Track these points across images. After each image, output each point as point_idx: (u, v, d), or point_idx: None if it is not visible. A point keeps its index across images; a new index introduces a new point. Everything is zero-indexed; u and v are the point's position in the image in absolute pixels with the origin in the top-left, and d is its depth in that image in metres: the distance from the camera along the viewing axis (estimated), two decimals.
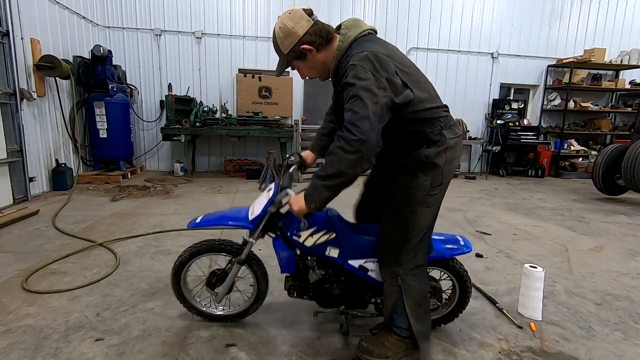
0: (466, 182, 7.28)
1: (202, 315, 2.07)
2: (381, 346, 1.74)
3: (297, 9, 1.60)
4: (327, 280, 1.87)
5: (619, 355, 1.91)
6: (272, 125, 6.89)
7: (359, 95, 1.37)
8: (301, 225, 1.71)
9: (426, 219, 1.64)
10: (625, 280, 2.85)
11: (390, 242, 1.68)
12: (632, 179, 5.21)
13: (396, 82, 1.46)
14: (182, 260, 1.95)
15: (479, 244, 3.56)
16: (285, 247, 1.82)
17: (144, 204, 4.70)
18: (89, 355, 1.78)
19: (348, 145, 1.36)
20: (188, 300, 2.04)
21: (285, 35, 1.55)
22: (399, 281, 1.67)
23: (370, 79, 1.39)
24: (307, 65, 1.63)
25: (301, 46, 1.56)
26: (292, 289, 1.91)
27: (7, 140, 4.49)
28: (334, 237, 1.75)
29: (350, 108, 1.38)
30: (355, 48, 1.50)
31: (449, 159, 1.60)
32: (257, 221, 1.77)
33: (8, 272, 2.66)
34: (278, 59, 1.67)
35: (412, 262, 1.67)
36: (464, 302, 2.01)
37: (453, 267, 1.95)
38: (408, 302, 1.66)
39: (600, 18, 8.44)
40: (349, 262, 1.79)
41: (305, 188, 1.52)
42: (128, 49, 7.09)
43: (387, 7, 7.67)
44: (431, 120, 1.57)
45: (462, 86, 8.27)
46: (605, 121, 8.61)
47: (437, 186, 1.61)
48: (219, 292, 1.94)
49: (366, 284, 1.86)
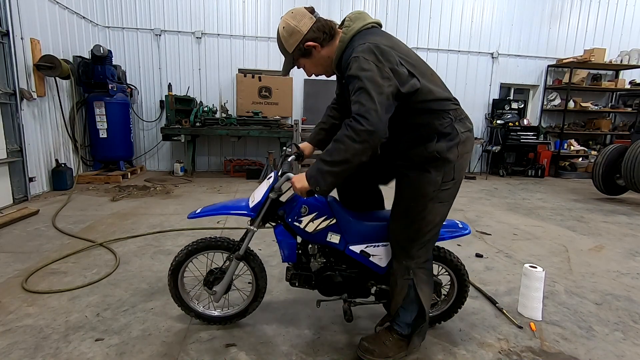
0: (466, 182, 7.28)
1: (200, 318, 2.04)
2: (382, 345, 1.74)
3: (299, 7, 1.61)
4: (329, 268, 1.87)
5: (619, 355, 1.91)
6: (272, 125, 6.89)
7: (364, 87, 1.38)
8: (302, 211, 1.72)
9: (439, 214, 1.63)
10: (625, 280, 2.85)
11: (403, 237, 1.67)
12: (632, 179, 5.21)
13: (401, 72, 1.46)
14: (179, 259, 1.93)
15: (479, 244, 3.56)
16: (286, 235, 1.81)
17: (144, 204, 4.70)
18: (89, 355, 1.78)
19: (356, 135, 1.37)
20: (186, 302, 2.02)
21: (290, 34, 1.57)
22: (410, 274, 1.67)
23: (374, 70, 1.39)
24: (312, 62, 1.65)
25: (306, 43, 1.57)
26: (294, 278, 1.89)
27: (7, 140, 4.49)
28: (334, 223, 1.75)
29: (357, 100, 1.39)
30: (358, 40, 1.50)
31: (460, 153, 1.59)
32: (258, 208, 1.76)
33: (8, 272, 2.66)
34: (282, 59, 1.68)
35: (423, 256, 1.69)
36: (462, 297, 2.01)
37: (451, 262, 1.95)
38: (422, 296, 1.68)
39: (600, 18, 8.45)
40: (350, 248, 1.79)
41: (308, 169, 1.53)
42: (128, 49, 7.09)
43: (387, 7, 7.68)
44: (440, 112, 1.56)
45: (462, 86, 8.28)
46: (605, 121, 8.62)
47: (450, 181, 1.60)
48: (217, 290, 1.92)
49: (368, 271, 1.86)
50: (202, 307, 2.07)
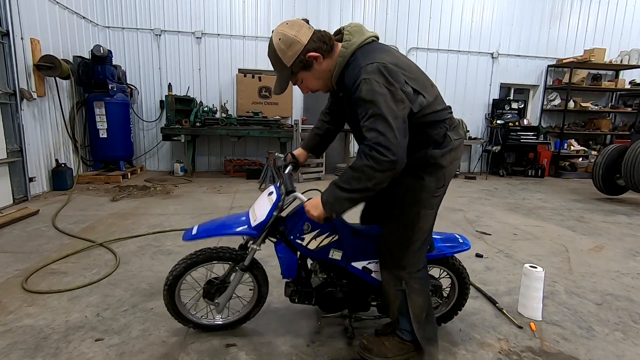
0: (466, 182, 7.28)
1: (200, 328, 1.96)
2: (381, 345, 1.75)
3: (294, 19, 1.53)
4: (330, 284, 1.85)
5: (619, 355, 1.91)
6: (272, 125, 6.89)
7: (380, 113, 1.34)
8: (304, 228, 1.70)
9: (428, 221, 1.64)
10: (625, 280, 2.85)
11: (394, 245, 1.66)
12: (632, 179, 5.21)
13: (408, 92, 1.43)
14: (177, 274, 1.81)
15: (479, 244, 3.56)
16: (287, 252, 1.77)
17: (144, 204, 4.70)
18: (89, 355, 1.78)
19: (378, 164, 1.34)
20: (183, 314, 1.92)
21: (288, 46, 1.46)
22: (402, 285, 1.65)
23: (386, 94, 1.36)
24: (313, 75, 1.55)
25: (308, 54, 1.47)
26: (294, 295, 1.86)
27: (7, 140, 4.50)
28: (337, 239, 1.73)
29: (374, 127, 1.34)
30: (362, 57, 1.44)
31: (452, 159, 1.60)
32: (261, 227, 1.72)
33: (8, 272, 2.66)
34: (276, 71, 1.56)
35: (415, 265, 1.66)
36: (463, 299, 2.02)
37: (453, 265, 1.96)
38: (412, 307, 1.65)
39: (600, 18, 8.45)
40: (352, 264, 1.78)
41: (322, 193, 1.50)
42: (128, 49, 7.09)
43: (387, 7, 7.67)
44: (436, 123, 1.55)
45: (462, 86, 8.27)
46: (605, 121, 8.62)
47: (440, 187, 1.60)
48: (220, 302, 1.86)
49: (369, 286, 1.85)
50: (201, 318, 1.99)
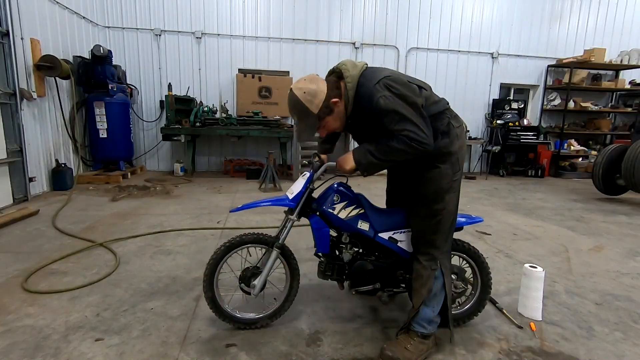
0: (466, 182, 7.28)
1: (232, 322, 1.99)
2: (405, 351, 1.78)
3: (308, 75, 1.77)
4: (360, 258, 2.01)
5: (619, 355, 1.91)
6: (272, 125, 6.89)
7: (403, 116, 1.56)
8: (334, 199, 1.92)
9: (454, 203, 1.81)
10: (625, 280, 2.85)
11: (426, 231, 1.81)
12: (632, 179, 5.21)
13: (413, 88, 1.64)
14: (217, 257, 1.92)
15: (479, 244, 3.56)
16: (321, 223, 1.95)
17: (144, 204, 4.70)
18: (89, 355, 1.78)
19: (413, 151, 1.58)
20: (219, 304, 1.96)
21: (314, 96, 1.67)
22: (437, 264, 1.80)
23: (398, 101, 1.57)
24: (334, 117, 1.75)
25: (331, 100, 1.69)
26: (328, 270, 2.00)
27: (7, 140, 4.50)
28: (363, 212, 1.93)
29: (404, 128, 1.57)
30: (367, 81, 1.64)
31: (460, 145, 1.78)
32: (298, 198, 1.91)
33: (8, 272, 2.66)
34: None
35: (445, 245, 1.83)
36: (488, 286, 2.07)
37: (469, 250, 2.06)
38: (447, 285, 1.82)
39: (600, 18, 8.45)
40: (379, 235, 1.95)
41: (354, 151, 1.72)
42: (128, 49, 7.09)
43: (387, 7, 7.67)
44: (440, 114, 1.73)
45: (462, 86, 8.28)
46: (605, 121, 8.62)
47: (457, 171, 1.78)
48: (256, 284, 1.91)
49: (397, 257, 1.99)
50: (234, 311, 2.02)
